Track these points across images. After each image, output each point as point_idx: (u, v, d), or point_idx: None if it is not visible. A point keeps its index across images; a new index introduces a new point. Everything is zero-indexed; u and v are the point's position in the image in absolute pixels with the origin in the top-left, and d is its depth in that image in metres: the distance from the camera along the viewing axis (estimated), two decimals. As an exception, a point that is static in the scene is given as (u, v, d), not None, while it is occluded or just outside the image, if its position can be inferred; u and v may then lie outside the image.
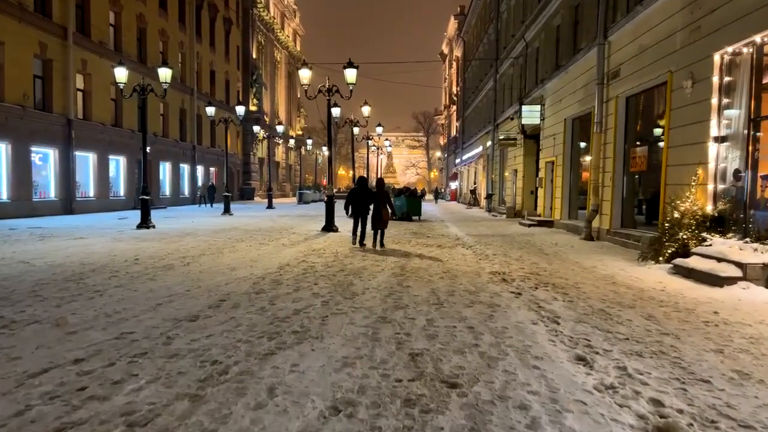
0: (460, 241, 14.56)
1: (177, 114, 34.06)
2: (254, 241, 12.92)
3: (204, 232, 15.20)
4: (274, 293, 6.69)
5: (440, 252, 11.66)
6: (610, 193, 13.73)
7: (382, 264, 9.53)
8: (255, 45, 50.15)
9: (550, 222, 18.92)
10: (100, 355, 4.17)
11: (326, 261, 9.73)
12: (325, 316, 5.54)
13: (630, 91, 13.01)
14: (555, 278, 8.46)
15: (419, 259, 10.29)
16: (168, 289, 6.80)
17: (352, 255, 10.76)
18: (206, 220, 20.60)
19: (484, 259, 10.80)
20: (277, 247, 11.86)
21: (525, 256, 11.27)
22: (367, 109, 22.24)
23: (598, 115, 14.24)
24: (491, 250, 12.30)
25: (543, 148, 20.77)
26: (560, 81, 18.47)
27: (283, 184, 61.26)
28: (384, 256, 10.64)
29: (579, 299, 6.85)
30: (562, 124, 18.12)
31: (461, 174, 51.32)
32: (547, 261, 10.48)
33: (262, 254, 10.52)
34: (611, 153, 13.72)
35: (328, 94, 15.69)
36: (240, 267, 8.77)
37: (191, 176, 36.21)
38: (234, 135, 45.97)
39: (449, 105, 65.19)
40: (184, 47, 34.82)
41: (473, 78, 42.61)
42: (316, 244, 12.56)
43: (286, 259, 9.81)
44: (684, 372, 4.22)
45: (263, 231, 15.80)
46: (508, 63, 27.99)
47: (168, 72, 16.29)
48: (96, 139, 24.74)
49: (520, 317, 5.85)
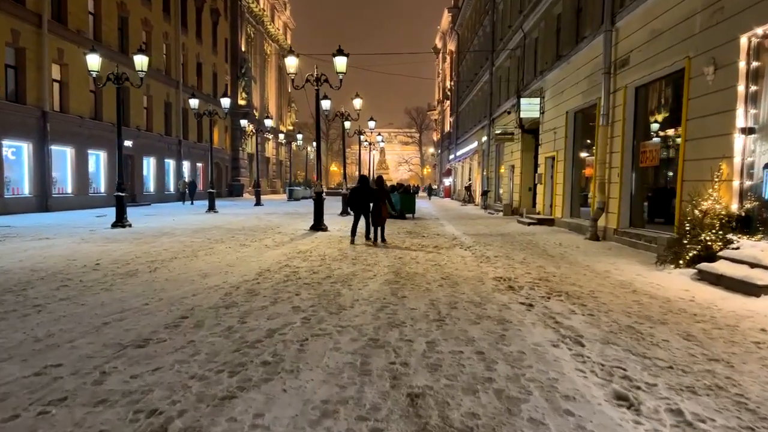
0: (458, 241, 13.65)
1: (162, 107, 32.86)
2: (235, 241, 11.92)
3: (183, 231, 14.17)
4: (248, 307, 5.72)
5: (437, 254, 10.74)
6: (618, 190, 12.85)
7: (374, 269, 8.58)
8: (244, 37, 48.89)
9: (550, 220, 18.05)
10: (3, 403, 3.19)
11: (312, 265, 8.77)
12: (305, 340, 4.58)
13: (640, 80, 12.12)
14: (567, 285, 7.56)
15: (415, 263, 9.35)
16: (122, 302, 5.81)
17: (342, 258, 9.81)
18: (188, 218, 19.54)
19: (486, 262, 9.89)
20: (259, 248, 10.88)
21: (529, 258, 10.37)
22: (358, 102, 21.23)
23: (604, 106, 13.35)
24: (492, 251, 11.39)
25: (542, 143, 19.89)
26: (561, 72, 17.58)
27: (274, 180, 60.10)
28: (376, 260, 9.70)
29: (600, 312, 5.95)
30: (563, 117, 17.23)
31: (455, 170, 50.44)
32: (555, 264, 9.59)
33: (242, 257, 9.54)
34: (619, 147, 12.84)
35: (316, 83, 14.68)
36: (213, 273, 7.79)
37: (177, 172, 35.04)
38: (222, 130, 44.81)
39: (443, 100, 64.24)
40: (169, 38, 33.57)
41: (468, 72, 41.68)
42: (303, 245, 11.59)
43: (267, 263, 8.84)
44: (756, 418, 3.33)
45: (247, 230, 14.79)
46: (505, 55, 27.08)
47: (144, 59, 15.20)
48: (74, 133, 23.56)
49: (537, 337, 4.94)
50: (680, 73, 10.24)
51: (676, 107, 10.98)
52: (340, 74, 14.59)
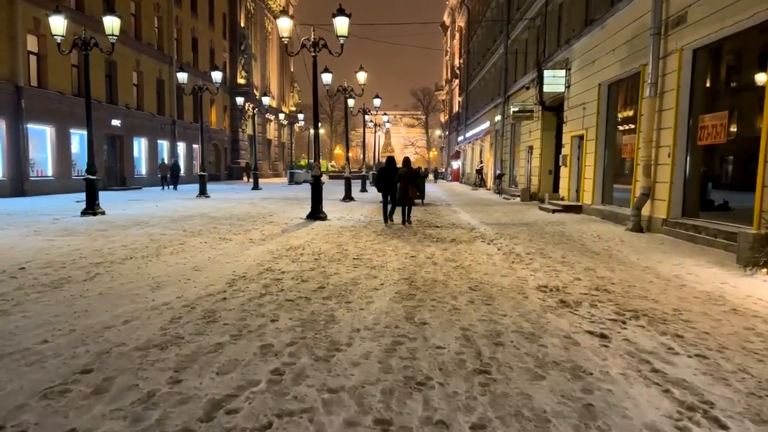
0: (478, 232, 11.75)
1: (154, 85, 30.87)
2: (215, 234, 10.05)
3: (160, 220, 12.32)
4: (194, 347, 3.86)
5: (457, 251, 8.85)
6: (669, 173, 10.87)
7: (380, 274, 6.71)
8: (243, 13, 46.58)
9: (577, 207, 16.10)
10: None
11: (302, 269, 6.89)
12: (266, 428, 2.71)
13: (701, 40, 10.06)
14: (636, 299, 5.68)
15: (432, 265, 7.47)
16: (9, 339, 3.95)
17: (341, 257, 7.93)
18: (174, 204, 17.68)
19: (518, 261, 8.01)
20: (241, 244, 9.00)
21: (570, 256, 8.47)
22: (362, 76, 19.16)
23: (651, 74, 11.29)
24: (521, 246, 9.50)
25: (568, 121, 17.83)
26: (592, 39, 15.46)
27: (276, 162, 58.16)
28: (384, 259, 7.82)
29: (711, 351, 4.07)
30: (595, 90, 15.16)
31: (464, 152, 48.29)
32: (605, 265, 7.69)
33: (216, 257, 7.67)
34: (671, 122, 10.83)
35: (313, 49, 12.66)
36: (169, 282, 5.92)
37: (171, 154, 33.15)
38: (221, 110, 42.84)
39: (451, 79, 61.76)
40: (161, 10, 31.42)
41: (479, 48, 39.32)
42: (296, 239, 9.71)
43: (245, 266, 6.97)
44: None
45: (234, 219, 12.92)
46: (522, 26, 24.84)
47: (115, 22, 13.18)
48: (53, 110, 21.64)
49: (643, 408, 3.08)
50: (761, 27, 8.21)
51: (754, 70, 8.94)
52: (341, 38, 12.57)
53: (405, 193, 12.12)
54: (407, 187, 12.10)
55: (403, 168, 12.42)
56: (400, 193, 12.16)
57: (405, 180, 12.13)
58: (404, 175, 12.19)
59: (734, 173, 10.76)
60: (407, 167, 12.47)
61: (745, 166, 9.63)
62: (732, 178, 10.80)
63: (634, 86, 13.06)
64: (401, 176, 12.16)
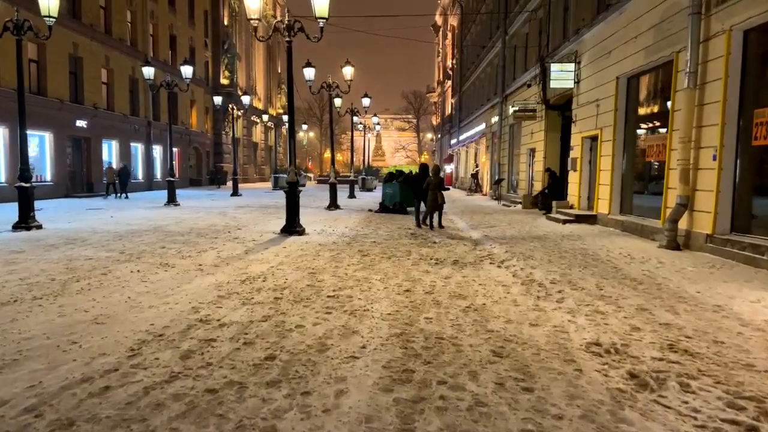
0: (483, 249, 9.85)
1: (126, 83, 28.74)
2: (158, 258, 7.99)
3: (101, 237, 10.24)
4: None
5: (463, 279, 6.92)
6: (714, 180, 9.02)
7: (363, 324, 4.75)
8: (226, 11, 44.53)
9: (591, 217, 14.23)
10: None
11: (251, 317, 4.90)
12: None
13: (754, 19, 8.23)
14: (742, 371, 3.81)
15: (434, 305, 5.52)
16: None
17: (312, 293, 5.95)
18: (134, 214, 15.57)
19: (544, 295, 6.11)
20: (184, 272, 6.97)
21: (607, 286, 6.57)
22: (349, 70, 17.21)
23: (690, 62, 9.44)
24: (540, 270, 7.59)
25: (577, 120, 15.99)
26: (608, 27, 13.64)
27: (262, 167, 55.98)
28: (369, 296, 5.86)
29: None
30: (612, 84, 13.32)
31: (458, 156, 46.47)
32: (660, 301, 5.82)
33: (138, 297, 5.65)
34: (717, 117, 8.99)
35: (288, 33, 10.68)
36: (37, 353, 3.88)
37: (146, 157, 31.00)
38: (202, 111, 40.77)
39: (443, 81, 59.98)
40: (134, 4, 29.31)
41: (473, 46, 37.53)
42: (258, 264, 7.71)
43: (172, 314, 4.96)
44: None
45: (193, 235, 10.87)
46: (523, 19, 23.04)
47: (53, 1, 11.14)
48: (6, 109, 19.45)
49: None
50: None
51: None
52: (320, 20, 10.64)
53: (435, 199, 12.83)
54: (437, 193, 12.78)
55: (434, 176, 13.07)
56: (430, 200, 12.88)
57: (435, 187, 12.79)
58: (435, 182, 12.87)
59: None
60: (437, 175, 13.19)
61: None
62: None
63: (664, 78, 11.24)
64: (429, 184, 12.85)
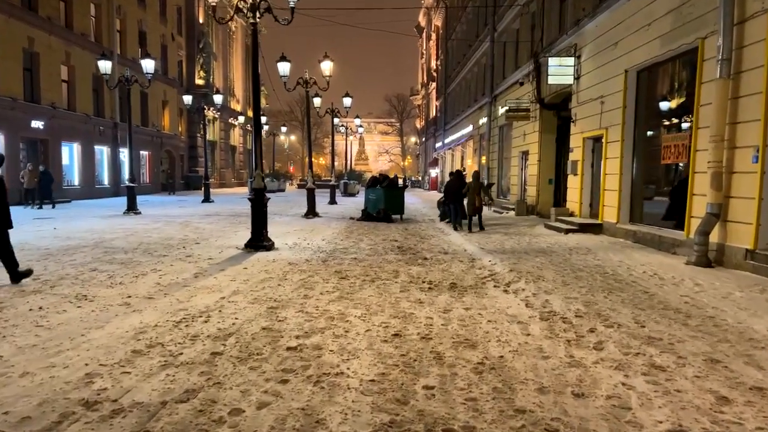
0: (482, 266, 8.36)
1: (89, 82, 26.77)
2: (77, 285, 6.28)
3: (25, 254, 8.45)
4: None
5: (467, 312, 5.41)
6: (755, 185, 7.65)
7: (333, 403, 3.18)
8: (202, 8, 42.62)
9: (596, 226, 12.85)
10: None
11: (166, 394, 3.28)
12: None
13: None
14: None
15: (434, 361, 3.97)
16: None
17: (268, 341, 4.36)
18: (83, 224, 13.71)
19: (575, 339, 4.64)
20: (103, 309, 5.30)
21: (649, 322, 5.13)
22: (327, 65, 15.65)
23: (723, 47, 8.08)
24: (557, 296, 6.13)
25: (578, 119, 14.63)
26: (614, 15, 12.31)
27: (241, 171, 53.99)
28: (345, 344, 4.30)
29: None
30: (620, 79, 11.97)
31: (443, 159, 45.10)
32: (728, 345, 4.43)
33: (17, 354, 4.00)
34: (757, 111, 7.63)
35: (252, 14, 9.06)
36: None
37: (112, 161, 28.99)
38: (176, 113, 38.76)
39: (427, 83, 58.69)
40: (98, -4, 27.38)
41: (459, 46, 36.19)
42: (206, 293, 6.07)
43: (48, 388, 3.33)
44: None
45: (139, 251, 9.14)
46: (512, 14, 21.73)
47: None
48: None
49: None
50: None
51: None
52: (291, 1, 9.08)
53: (473, 203, 13.46)
54: (476, 197, 13.43)
55: (472, 181, 13.78)
56: (469, 203, 13.51)
57: (472, 191, 13.44)
58: (472, 187, 13.48)
59: None
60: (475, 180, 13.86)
61: None
62: None
63: (685, 68, 9.91)
64: (469, 188, 13.52)
